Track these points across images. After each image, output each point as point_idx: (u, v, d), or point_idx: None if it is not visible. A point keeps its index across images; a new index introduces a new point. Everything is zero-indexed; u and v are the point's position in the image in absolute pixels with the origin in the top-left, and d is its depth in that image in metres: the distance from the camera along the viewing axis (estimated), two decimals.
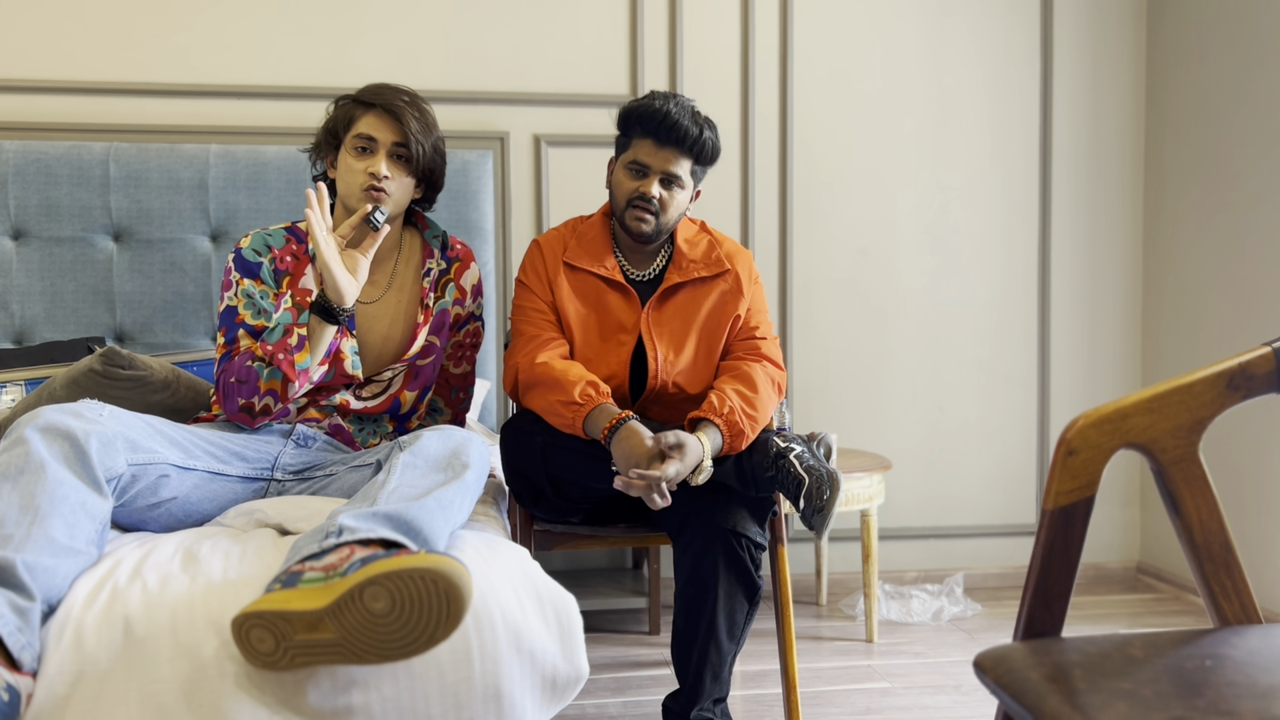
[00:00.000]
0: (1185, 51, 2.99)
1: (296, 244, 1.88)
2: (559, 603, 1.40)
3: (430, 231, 2.00)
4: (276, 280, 1.85)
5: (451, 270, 1.98)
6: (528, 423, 1.88)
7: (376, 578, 1.18)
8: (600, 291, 1.93)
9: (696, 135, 1.86)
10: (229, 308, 1.82)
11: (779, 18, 2.98)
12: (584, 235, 1.98)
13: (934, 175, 3.07)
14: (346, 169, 1.84)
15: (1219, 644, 1.01)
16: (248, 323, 1.80)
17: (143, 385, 1.85)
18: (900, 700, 2.25)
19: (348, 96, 1.90)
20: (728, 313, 1.94)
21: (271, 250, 1.86)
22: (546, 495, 1.87)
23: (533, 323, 1.92)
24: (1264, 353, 1.10)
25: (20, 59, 2.65)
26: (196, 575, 1.35)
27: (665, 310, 1.93)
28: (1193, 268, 2.97)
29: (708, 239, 2.00)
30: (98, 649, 1.24)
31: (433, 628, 1.19)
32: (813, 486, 1.73)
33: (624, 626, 2.74)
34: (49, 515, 1.28)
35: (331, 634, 1.19)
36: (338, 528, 1.29)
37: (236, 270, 1.83)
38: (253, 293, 1.82)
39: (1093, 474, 1.04)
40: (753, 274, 2.00)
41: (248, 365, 1.71)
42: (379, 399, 1.90)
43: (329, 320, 1.72)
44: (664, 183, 1.88)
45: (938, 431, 3.11)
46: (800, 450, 1.79)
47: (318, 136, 1.92)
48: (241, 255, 1.84)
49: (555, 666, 1.38)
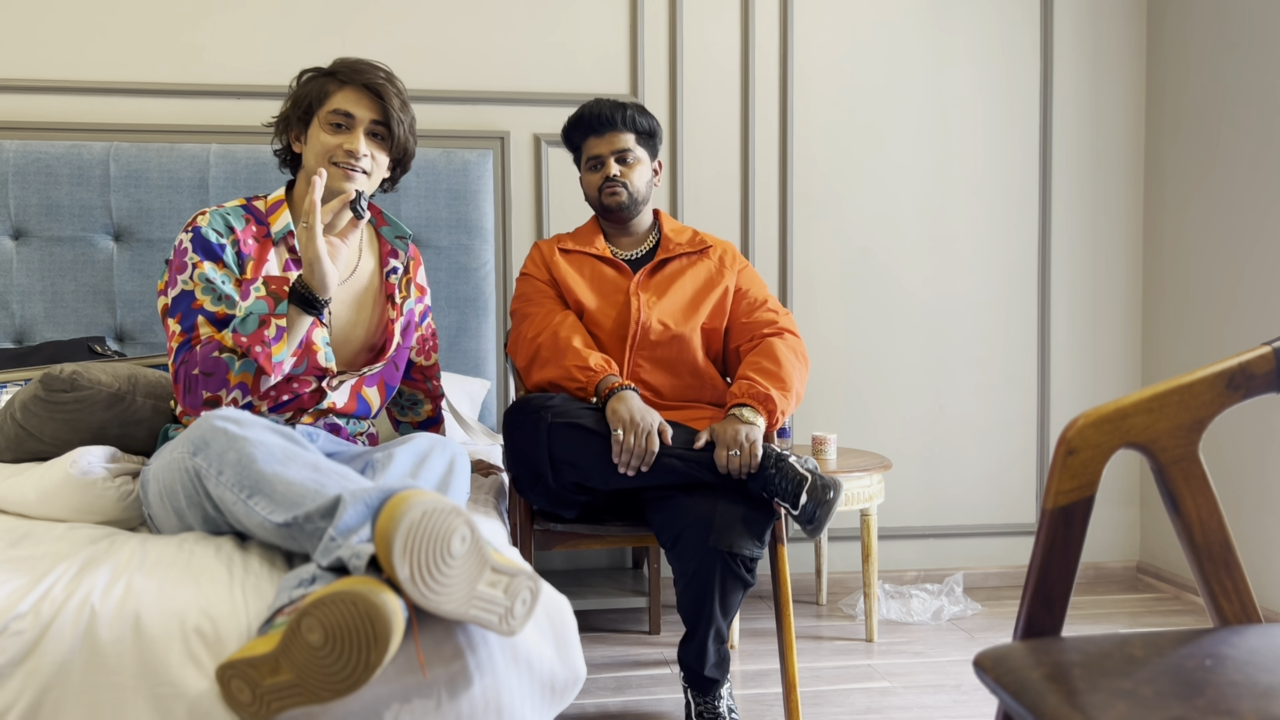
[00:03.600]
0: (1185, 51, 2.99)
1: (256, 225, 1.78)
2: (552, 606, 1.39)
3: (392, 229, 1.93)
4: (240, 265, 1.73)
5: (410, 269, 1.95)
6: (535, 401, 1.92)
7: (308, 608, 1.15)
8: (595, 266, 2.14)
9: (622, 111, 2.11)
10: (185, 292, 1.68)
11: (779, 18, 2.98)
12: (577, 232, 2.22)
13: (934, 175, 3.07)
14: (319, 144, 1.76)
15: (1219, 644, 1.01)
16: (207, 309, 1.67)
17: (89, 405, 1.78)
18: (900, 700, 2.25)
19: (320, 69, 1.82)
20: (714, 282, 2.13)
21: (234, 231, 1.74)
22: (545, 479, 1.89)
23: (537, 302, 2.09)
24: (1264, 352, 1.10)
25: (20, 59, 2.65)
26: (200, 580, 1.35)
27: (654, 278, 2.13)
28: (1193, 268, 2.97)
29: (692, 231, 2.22)
30: (110, 643, 1.24)
31: (365, 652, 1.14)
32: (816, 483, 1.79)
33: (624, 626, 2.74)
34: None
35: (289, 675, 1.16)
36: (310, 575, 1.26)
37: (195, 251, 1.70)
38: (213, 277, 1.69)
39: (1093, 473, 1.04)
40: (737, 257, 2.20)
41: (215, 356, 1.61)
42: (346, 394, 1.83)
43: (309, 311, 1.63)
44: (618, 160, 2.12)
45: (938, 431, 3.11)
46: (795, 459, 1.87)
47: (284, 109, 1.82)
48: (201, 235, 1.71)
49: (553, 672, 1.37)
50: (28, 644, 1.24)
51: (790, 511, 1.81)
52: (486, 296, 2.75)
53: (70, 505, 1.65)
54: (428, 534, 1.19)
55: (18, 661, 1.23)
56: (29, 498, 1.68)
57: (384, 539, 1.17)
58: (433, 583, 1.19)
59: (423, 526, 1.19)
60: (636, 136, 2.12)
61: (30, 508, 1.68)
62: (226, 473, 1.41)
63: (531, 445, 1.87)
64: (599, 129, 2.12)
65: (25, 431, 1.83)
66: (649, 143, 2.15)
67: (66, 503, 1.65)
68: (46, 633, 1.24)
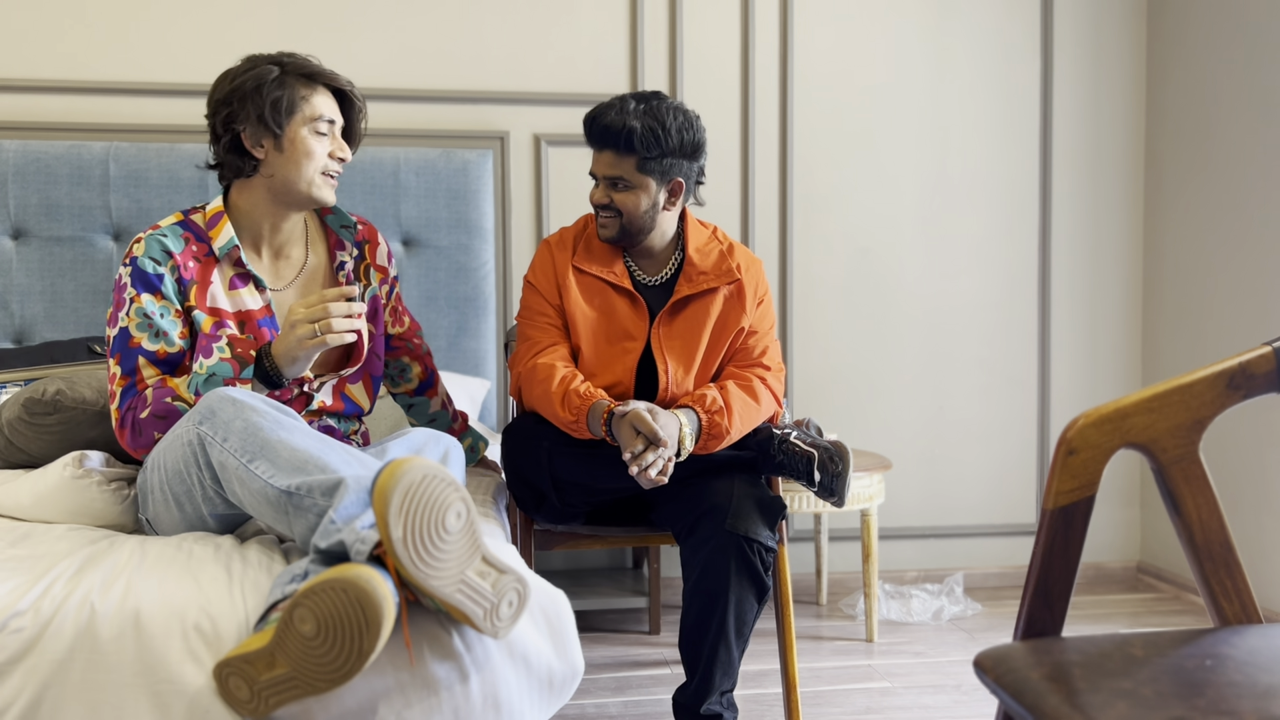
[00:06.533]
0: (1185, 51, 2.99)
1: (196, 243, 1.70)
2: (548, 601, 1.39)
3: (337, 219, 1.85)
4: (182, 293, 1.67)
5: (366, 253, 1.89)
6: (532, 425, 1.88)
7: (300, 599, 1.16)
8: (608, 297, 1.91)
9: (620, 128, 1.79)
10: (123, 330, 1.62)
11: (779, 17, 2.98)
12: (594, 238, 1.96)
13: (934, 174, 3.07)
14: (303, 152, 1.68)
15: (1219, 644, 1.01)
16: (145, 348, 1.62)
17: (74, 425, 1.77)
18: (900, 700, 2.25)
19: (273, 68, 1.68)
20: (732, 321, 1.93)
21: (172, 256, 1.66)
22: (550, 500, 1.86)
23: (537, 326, 1.93)
24: (1264, 352, 1.10)
25: (20, 59, 2.65)
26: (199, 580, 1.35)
27: (675, 324, 1.91)
28: (1193, 267, 2.97)
29: (719, 248, 1.96)
30: (109, 640, 1.25)
31: (358, 639, 1.15)
32: (824, 457, 1.78)
33: (624, 626, 2.74)
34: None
35: (285, 668, 1.17)
36: (303, 571, 1.26)
37: (133, 285, 1.63)
38: (151, 311, 1.63)
39: (1093, 474, 1.04)
40: (759, 289, 1.96)
41: (167, 403, 1.58)
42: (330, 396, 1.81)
43: (270, 386, 1.63)
44: (612, 185, 1.85)
45: (938, 431, 3.11)
46: (797, 434, 1.85)
47: (244, 110, 1.66)
48: (138, 266, 1.64)
49: (550, 667, 1.37)
50: (27, 641, 1.24)
51: (810, 489, 1.81)
52: (486, 296, 2.74)
53: (66, 508, 1.64)
54: (425, 500, 1.19)
55: (17, 659, 1.23)
56: (24, 501, 1.68)
57: (382, 496, 1.18)
58: (425, 554, 1.20)
59: (422, 490, 1.19)
60: (639, 160, 1.81)
61: (25, 511, 1.68)
62: (231, 439, 1.42)
63: (533, 468, 1.85)
64: (596, 143, 1.85)
65: (14, 446, 1.84)
66: (659, 165, 1.83)
67: (63, 505, 1.65)
68: (46, 630, 1.25)
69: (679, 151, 1.83)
